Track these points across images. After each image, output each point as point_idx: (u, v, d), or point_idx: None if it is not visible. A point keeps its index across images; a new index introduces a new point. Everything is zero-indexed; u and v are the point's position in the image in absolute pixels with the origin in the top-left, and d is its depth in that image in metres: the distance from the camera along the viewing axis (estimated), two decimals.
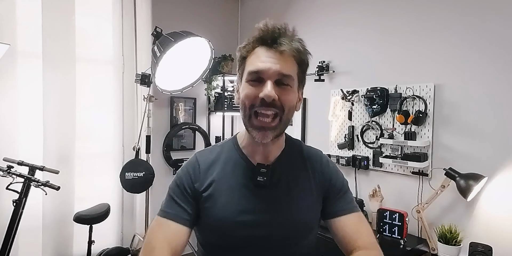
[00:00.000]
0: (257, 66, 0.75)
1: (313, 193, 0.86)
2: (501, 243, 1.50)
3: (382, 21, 2.05)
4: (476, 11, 1.64)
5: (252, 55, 0.78)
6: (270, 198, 0.82)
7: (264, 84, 0.74)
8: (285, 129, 0.83)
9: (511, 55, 1.53)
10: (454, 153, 1.72)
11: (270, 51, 0.75)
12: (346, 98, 2.15)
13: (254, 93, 0.75)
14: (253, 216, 0.80)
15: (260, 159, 0.85)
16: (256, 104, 0.75)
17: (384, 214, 1.78)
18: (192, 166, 0.86)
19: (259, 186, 0.81)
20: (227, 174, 0.84)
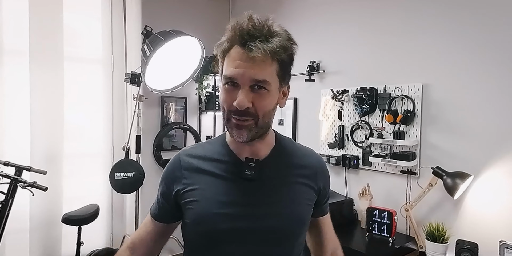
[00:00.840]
0: (231, 72, 0.72)
1: (304, 191, 0.85)
2: (487, 240, 1.53)
3: (371, 21, 2.08)
4: (464, 12, 1.67)
5: (228, 57, 0.75)
6: (258, 191, 0.80)
7: (239, 89, 0.73)
8: (266, 131, 0.81)
9: (498, 56, 1.56)
10: (441, 152, 1.75)
11: (244, 54, 0.71)
12: (336, 97, 2.17)
13: (231, 99, 0.74)
14: (238, 208, 0.78)
15: (248, 155, 0.83)
16: (232, 110, 0.74)
17: (373, 213, 1.80)
18: (174, 164, 0.86)
19: (247, 179, 0.80)
20: (212, 169, 0.82)
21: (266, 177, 0.81)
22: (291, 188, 0.83)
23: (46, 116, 2.19)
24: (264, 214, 0.79)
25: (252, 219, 0.78)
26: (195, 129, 2.95)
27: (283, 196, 0.82)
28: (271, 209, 0.80)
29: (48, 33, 2.18)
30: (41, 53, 2.16)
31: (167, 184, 0.85)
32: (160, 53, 2.18)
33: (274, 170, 0.83)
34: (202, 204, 0.79)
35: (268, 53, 0.71)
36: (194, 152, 0.86)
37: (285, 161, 0.86)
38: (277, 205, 0.80)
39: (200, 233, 0.80)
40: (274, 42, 0.72)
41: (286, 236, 0.81)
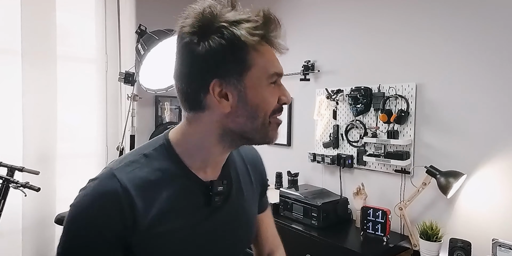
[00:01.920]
0: (281, 70, 0.62)
1: (255, 199, 0.81)
2: (480, 238, 1.54)
3: (366, 21, 2.08)
4: (458, 12, 1.68)
5: (260, 49, 0.59)
6: (225, 218, 0.69)
7: (278, 86, 0.63)
8: None
9: (491, 55, 1.57)
10: (435, 151, 1.76)
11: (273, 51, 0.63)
12: (331, 97, 2.17)
13: (276, 98, 0.62)
14: (212, 244, 0.67)
15: (211, 171, 0.67)
16: (276, 108, 0.63)
17: (367, 212, 1.80)
18: (111, 199, 0.57)
19: (216, 208, 0.66)
20: (177, 201, 0.62)
21: (228, 199, 0.70)
22: (248, 202, 0.76)
23: (39, 115, 2.17)
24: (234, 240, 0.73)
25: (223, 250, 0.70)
26: None
27: (245, 216, 0.75)
28: (238, 234, 0.74)
29: (40, 32, 2.16)
30: (34, 52, 2.13)
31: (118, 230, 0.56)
32: (155, 52, 2.17)
33: (233, 187, 0.72)
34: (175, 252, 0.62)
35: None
36: (137, 175, 0.60)
37: (236, 169, 0.75)
38: (242, 228, 0.74)
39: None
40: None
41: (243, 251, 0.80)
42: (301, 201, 1.98)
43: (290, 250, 0.95)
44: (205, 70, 0.59)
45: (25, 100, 2.12)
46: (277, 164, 2.60)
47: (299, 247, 1.83)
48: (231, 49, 0.57)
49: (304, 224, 1.94)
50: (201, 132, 0.64)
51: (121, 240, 0.57)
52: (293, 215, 2.02)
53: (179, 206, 0.62)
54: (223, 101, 0.60)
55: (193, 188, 0.65)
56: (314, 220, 1.90)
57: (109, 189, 0.57)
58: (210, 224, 0.66)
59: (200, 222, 0.65)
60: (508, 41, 1.52)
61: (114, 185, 0.57)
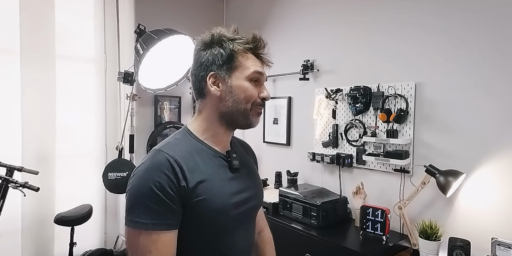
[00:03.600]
0: (260, 69, 0.88)
1: (256, 170, 1.06)
2: (479, 237, 1.54)
3: (365, 20, 2.08)
4: (457, 11, 1.68)
5: (246, 57, 0.88)
6: (245, 178, 0.94)
7: (260, 85, 0.90)
8: None
9: (490, 55, 1.57)
10: (434, 150, 1.76)
11: (258, 61, 0.90)
12: (330, 96, 2.17)
13: (256, 92, 0.88)
14: (241, 195, 0.90)
15: (224, 147, 0.93)
16: (257, 102, 0.88)
17: (367, 211, 1.81)
18: (165, 165, 0.77)
19: (235, 170, 0.91)
20: (208, 165, 0.86)
21: (242, 165, 0.94)
22: (254, 170, 1.03)
23: (38, 115, 2.17)
24: (252, 196, 0.94)
25: (250, 201, 0.93)
26: None
27: (256, 177, 1.01)
28: (255, 191, 0.96)
29: (39, 31, 2.16)
30: (33, 52, 2.13)
31: (173, 187, 0.76)
32: (154, 52, 2.17)
33: (241, 157, 0.97)
34: (214, 199, 0.82)
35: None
36: (176, 149, 0.82)
37: (237, 147, 1.02)
38: (257, 186, 0.99)
39: (213, 226, 0.84)
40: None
41: (257, 211, 1.01)
42: (300, 201, 1.98)
43: (290, 249, 0.96)
44: (206, 67, 0.88)
45: (24, 100, 2.12)
46: (277, 163, 2.60)
47: (298, 247, 1.83)
48: (225, 54, 0.86)
49: (304, 224, 1.94)
50: (207, 118, 0.90)
51: (179, 189, 0.77)
52: (293, 215, 2.02)
53: (213, 169, 0.86)
54: (215, 88, 0.87)
55: (217, 157, 0.89)
56: (314, 220, 1.90)
57: (162, 159, 0.79)
58: (237, 180, 0.91)
59: (230, 179, 0.89)
60: (507, 40, 1.52)
61: (165, 156, 0.80)
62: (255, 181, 0.99)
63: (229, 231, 0.88)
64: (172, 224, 0.77)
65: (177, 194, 0.76)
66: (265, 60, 0.91)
